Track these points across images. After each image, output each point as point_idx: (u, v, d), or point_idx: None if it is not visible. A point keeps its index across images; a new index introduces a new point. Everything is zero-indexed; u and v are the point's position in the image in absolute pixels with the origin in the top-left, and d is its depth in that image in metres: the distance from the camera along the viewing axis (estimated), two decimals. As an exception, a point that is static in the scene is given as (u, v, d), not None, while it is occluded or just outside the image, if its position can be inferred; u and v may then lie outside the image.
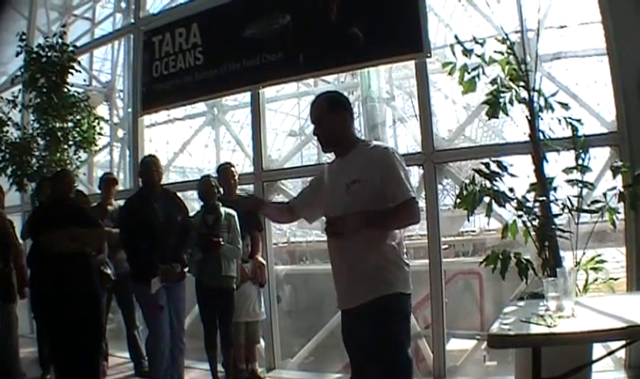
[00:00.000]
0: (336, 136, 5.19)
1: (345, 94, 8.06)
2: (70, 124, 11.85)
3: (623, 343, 5.52)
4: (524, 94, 7.12)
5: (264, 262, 9.51)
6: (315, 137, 5.40)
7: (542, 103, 7.11)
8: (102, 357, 8.97)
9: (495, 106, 7.17)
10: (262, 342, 10.28)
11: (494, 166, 7.06)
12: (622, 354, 7.69)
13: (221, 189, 8.83)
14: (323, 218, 5.28)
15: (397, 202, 4.88)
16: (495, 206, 7.05)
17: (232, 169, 9.44)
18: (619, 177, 6.98)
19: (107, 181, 10.31)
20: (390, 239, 5.03)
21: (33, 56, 11.72)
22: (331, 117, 5.17)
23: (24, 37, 12.11)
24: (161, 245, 7.77)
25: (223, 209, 8.60)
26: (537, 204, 6.95)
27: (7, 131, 11.95)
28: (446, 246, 16.07)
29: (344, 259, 5.03)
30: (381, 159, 5.01)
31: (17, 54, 11.83)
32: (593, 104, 9.51)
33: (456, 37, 7.43)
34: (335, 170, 5.24)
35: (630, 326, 4.24)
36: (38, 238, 7.66)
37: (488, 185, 6.99)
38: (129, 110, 13.28)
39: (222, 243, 8.34)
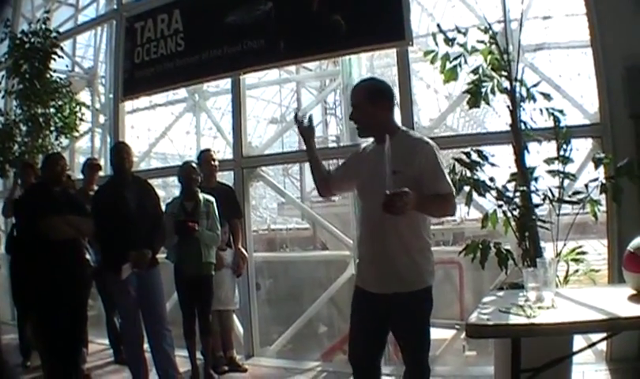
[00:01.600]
0: (374, 125, 5.23)
1: (327, 81, 8.00)
2: (52, 110, 11.82)
3: (604, 335, 5.53)
4: (506, 84, 7.09)
5: (246, 254, 9.51)
6: (351, 121, 5.43)
7: (524, 93, 7.09)
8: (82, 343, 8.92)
9: (476, 96, 7.14)
10: (241, 329, 10.27)
11: (475, 156, 7.04)
12: (603, 346, 7.72)
13: (202, 176, 8.75)
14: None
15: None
16: (475, 195, 7.02)
17: (212, 155, 9.44)
18: (601, 168, 6.97)
19: (91, 166, 10.20)
20: (428, 231, 5.21)
21: (17, 42, 11.66)
22: (370, 106, 5.20)
23: (8, 23, 12.03)
24: (132, 232, 7.63)
25: (202, 196, 8.54)
26: (518, 194, 6.93)
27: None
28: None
29: (386, 245, 5.08)
30: (422, 152, 5.06)
31: (1, 41, 11.75)
32: (576, 96, 9.51)
33: (438, 26, 7.39)
34: (375, 154, 5.22)
35: (612, 318, 4.22)
36: (34, 223, 7.54)
37: (469, 174, 6.97)
38: (111, 96, 13.19)
39: (197, 229, 8.27)
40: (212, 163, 9.30)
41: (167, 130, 16.32)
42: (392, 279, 5.04)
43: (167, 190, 19.04)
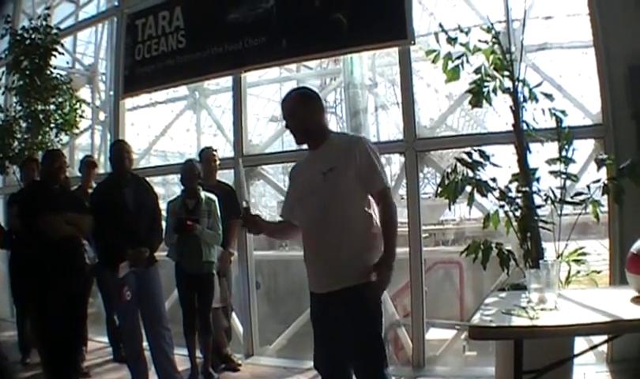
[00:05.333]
0: (309, 127, 5.27)
1: (327, 80, 8.02)
2: (52, 106, 11.82)
3: (605, 337, 5.51)
4: (508, 84, 7.07)
5: (234, 252, 9.53)
6: (288, 131, 5.44)
7: (526, 93, 7.06)
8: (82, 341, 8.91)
9: (478, 96, 7.12)
10: (240, 328, 10.27)
11: (476, 156, 7.01)
12: (604, 348, 7.71)
13: (202, 173, 8.73)
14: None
15: (373, 189, 5.13)
16: (476, 195, 7.00)
17: (214, 153, 9.47)
18: (604, 169, 6.94)
19: (88, 164, 10.22)
20: (367, 220, 5.17)
21: (17, 38, 11.65)
22: (304, 108, 5.27)
23: (9, 19, 12.02)
24: (131, 231, 7.63)
25: (203, 194, 8.54)
26: (520, 194, 6.91)
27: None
28: (427, 235, 16.07)
29: (328, 246, 5.07)
30: (356, 147, 5.15)
31: (2, 37, 11.74)
32: (578, 96, 9.49)
33: (440, 25, 7.36)
34: (309, 161, 5.34)
35: (614, 321, 4.20)
36: (32, 220, 7.51)
37: (470, 174, 6.94)
38: (111, 93, 13.18)
39: (196, 226, 8.29)
40: (214, 161, 9.30)
41: (168, 128, 16.30)
42: (334, 275, 5.04)
43: (167, 188, 19.02)
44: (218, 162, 9.42)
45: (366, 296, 4.95)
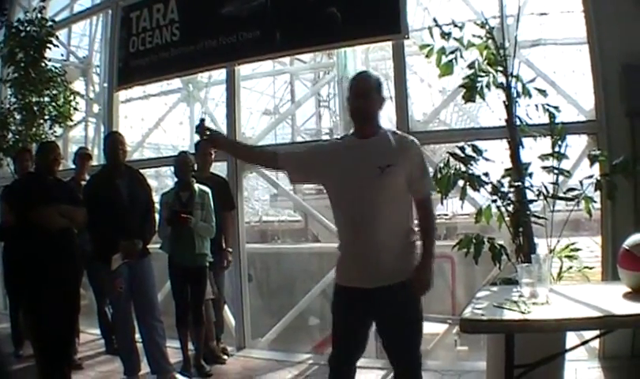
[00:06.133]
0: (373, 115, 5.21)
1: (321, 73, 7.98)
2: (47, 99, 11.81)
3: (597, 333, 5.53)
4: (501, 79, 7.09)
5: (230, 258, 9.50)
6: (352, 111, 5.25)
7: (519, 88, 7.09)
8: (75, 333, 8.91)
9: (471, 90, 7.13)
10: (232, 321, 10.28)
11: (469, 150, 7.03)
12: (596, 344, 7.73)
13: (196, 166, 8.74)
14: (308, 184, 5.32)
15: (421, 194, 5.16)
16: (469, 190, 7.01)
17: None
18: (597, 165, 6.96)
19: (82, 156, 10.18)
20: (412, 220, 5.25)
21: (13, 31, 11.63)
22: (378, 95, 5.19)
23: (5, 12, 12.01)
24: (124, 223, 7.63)
25: (197, 186, 8.53)
26: (512, 189, 6.93)
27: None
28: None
29: (378, 243, 5.03)
30: (412, 149, 5.15)
31: (-2, 29, 11.76)
32: (572, 92, 9.52)
33: (434, 20, 7.37)
34: (357, 148, 5.18)
35: (606, 316, 4.22)
36: (27, 212, 7.48)
37: (463, 168, 6.95)
38: (105, 85, 13.15)
39: (190, 219, 8.25)
40: (209, 154, 9.27)
41: (161, 120, 16.31)
42: (381, 271, 4.98)
43: (160, 180, 19.06)
44: (213, 155, 9.38)
45: (412, 290, 5.04)
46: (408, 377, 5.17)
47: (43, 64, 11.83)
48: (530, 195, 6.95)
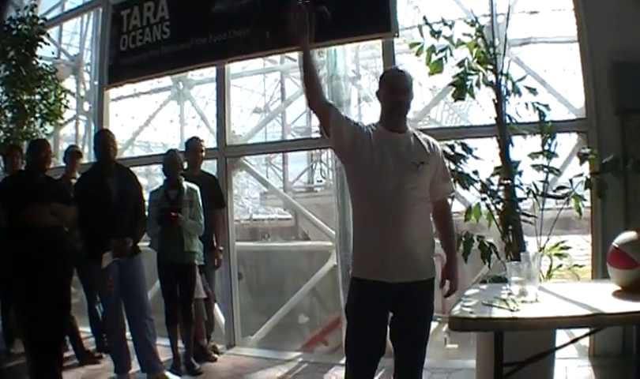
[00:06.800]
0: (409, 110, 5.29)
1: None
2: (37, 97, 11.83)
3: (587, 331, 5.54)
4: (491, 77, 7.09)
5: (221, 257, 9.54)
6: (393, 105, 5.14)
7: (509, 87, 7.10)
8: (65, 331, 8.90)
9: (461, 89, 7.14)
10: (222, 318, 10.28)
11: (459, 148, 7.04)
12: (586, 342, 7.75)
13: (185, 164, 8.76)
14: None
15: (443, 195, 5.31)
16: (458, 188, 7.00)
17: (201, 143, 9.50)
18: (587, 164, 6.97)
19: (72, 153, 10.17)
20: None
21: (4, 29, 11.61)
22: (413, 92, 5.26)
23: (-3, 11, 12.04)
24: (114, 221, 7.63)
25: (185, 184, 8.54)
26: (502, 187, 6.93)
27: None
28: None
29: (411, 239, 4.99)
30: (438, 150, 5.28)
31: (-10, 28, 11.75)
32: (562, 91, 9.53)
33: (424, 18, 7.37)
34: (395, 142, 5.11)
35: (596, 314, 4.23)
36: (18, 210, 7.46)
37: (453, 166, 6.94)
38: (96, 83, 13.14)
39: (180, 217, 8.29)
40: (200, 152, 9.31)
41: (151, 118, 16.31)
42: (407, 266, 4.94)
43: (150, 178, 19.03)
44: (204, 152, 9.39)
45: (432, 289, 5.08)
46: (414, 372, 5.22)
47: (34, 62, 11.84)
48: (520, 193, 6.97)
